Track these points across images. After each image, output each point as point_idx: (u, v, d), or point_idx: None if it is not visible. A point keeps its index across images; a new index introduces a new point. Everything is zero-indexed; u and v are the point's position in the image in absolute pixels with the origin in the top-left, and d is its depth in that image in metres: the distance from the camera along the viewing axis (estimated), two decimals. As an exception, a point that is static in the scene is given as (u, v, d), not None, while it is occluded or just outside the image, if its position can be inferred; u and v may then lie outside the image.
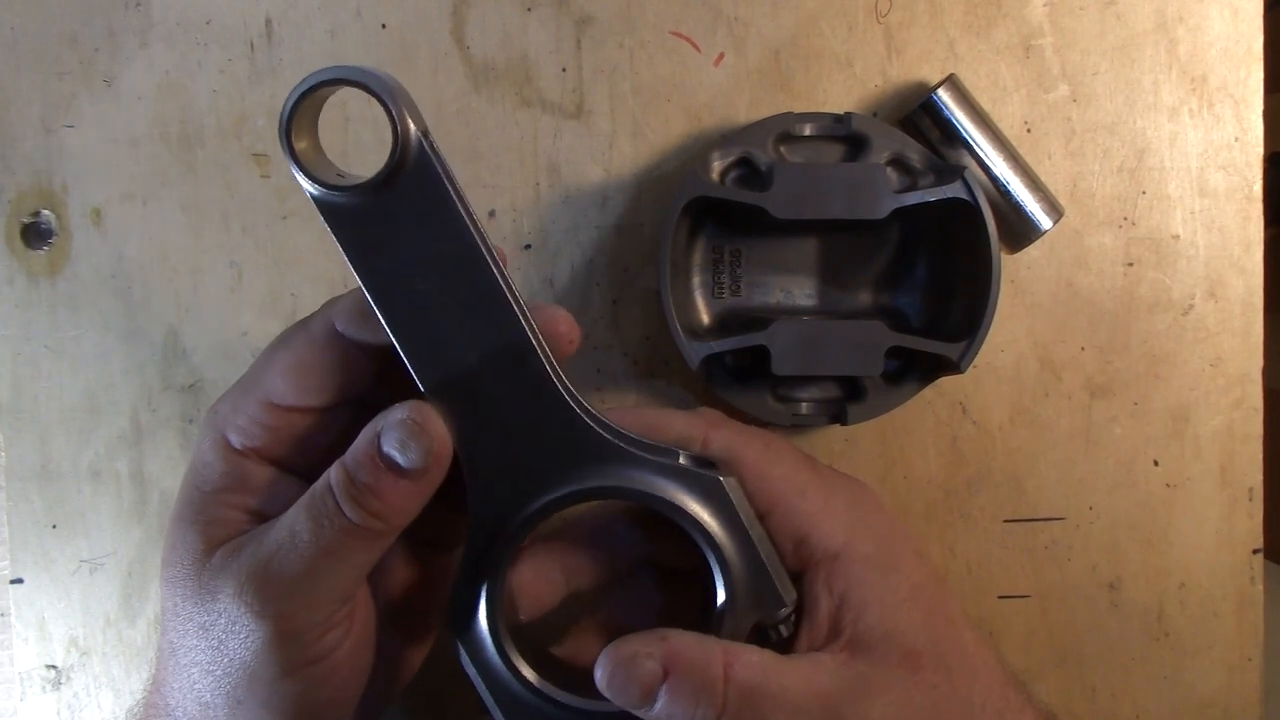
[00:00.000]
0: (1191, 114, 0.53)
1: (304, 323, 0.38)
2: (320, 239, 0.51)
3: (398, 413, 0.35)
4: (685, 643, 0.36)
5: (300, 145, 0.33)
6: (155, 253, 0.51)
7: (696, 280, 0.51)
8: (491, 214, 0.51)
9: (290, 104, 0.32)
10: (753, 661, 0.36)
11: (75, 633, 0.52)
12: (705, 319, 0.51)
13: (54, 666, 0.52)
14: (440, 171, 0.34)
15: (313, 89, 0.32)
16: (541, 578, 0.40)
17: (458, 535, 0.39)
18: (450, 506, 0.41)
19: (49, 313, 0.51)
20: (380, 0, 0.51)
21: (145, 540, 0.52)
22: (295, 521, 0.35)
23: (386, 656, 0.40)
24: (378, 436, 0.35)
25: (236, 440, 0.37)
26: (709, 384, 0.49)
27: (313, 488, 0.36)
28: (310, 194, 0.33)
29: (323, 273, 0.52)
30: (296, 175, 0.33)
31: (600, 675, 0.36)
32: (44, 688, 0.52)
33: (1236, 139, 0.53)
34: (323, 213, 0.34)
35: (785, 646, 0.38)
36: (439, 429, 0.35)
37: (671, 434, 0.40)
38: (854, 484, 0.43)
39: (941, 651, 0.38)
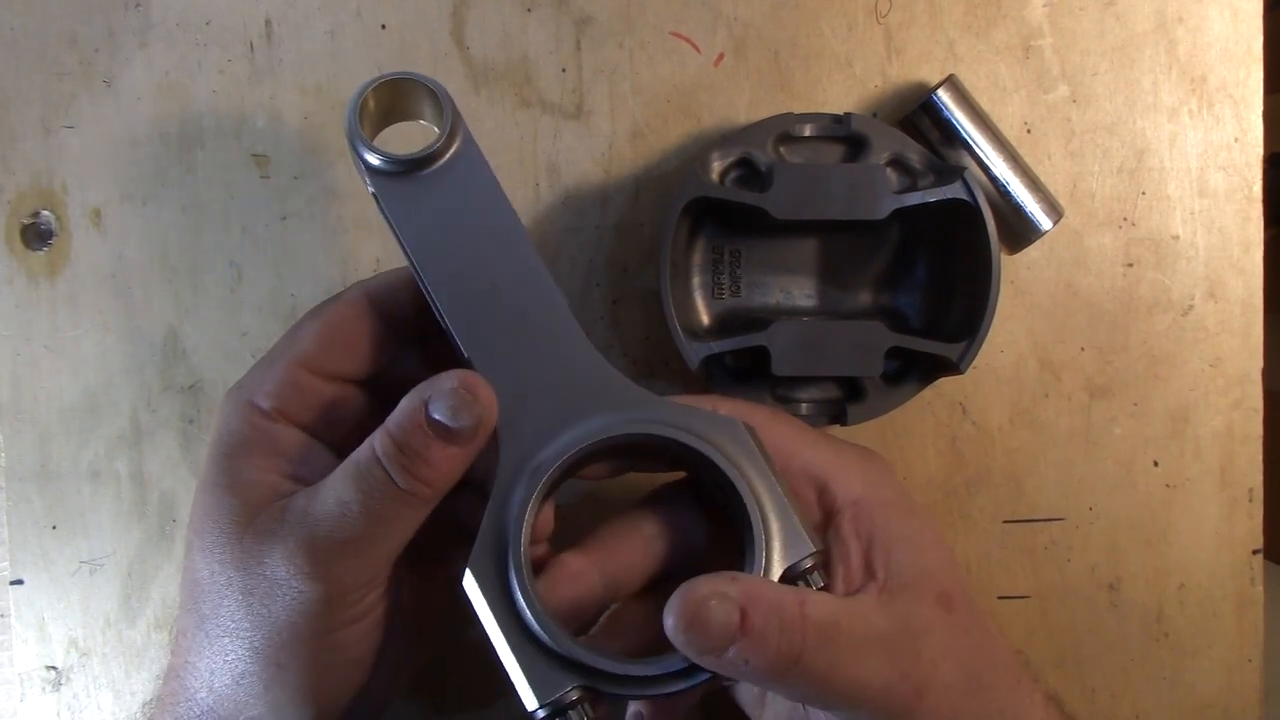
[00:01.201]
0: (1191, 114, 0.53)
1: (334, 297, 0.40)
2: (320, 239, 0.51)
3: (447, 381, 0.36)
4: (758, 583, 0.35)
5: (365, 127, 0.38)
6: (155, 253, 0.51)
7: (696, 280, 0.51)
8: (491, 214, 0.51)
9: (361, 92, 0.37)
10: (822, 600, 0.36)
11: (75, 633, 0.52)
12: (705, 319, 0.51)
13: (54, 667, 0.52)
14: (480, 152, 0.39)
15: (382, 82, 0.37)
16: (581, 584, 0.39)
17: (459, 554, 0.39)
18: (456, 523, 0.41)
19: (49, 313, 0.51)
20: (380, 0, 0.51)
21: (145, 541, 0.52)
22: (343, 491, 0.35)
23: (394, 650, 0.40)
24: (425, 404, 0.35)
25: (264, 403, 0.38)
26: (709, 384, 0.49)
27: (355, 457, 0.36)
28: (370, 164, 0.38)
29: (323, 273, 0.52)
30: (359, 149, 0.37)
31: (672, 622, 0.33)
32: (44, 689, 0.52)
33: (1236, 139, 0.53)
34: (376, 184, 0.38)
35: None
36: (488, 396, 0.36)
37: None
38: (862, 447, 0.43)
39: (968, 598, 0.38)
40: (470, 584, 0.37)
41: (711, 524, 0.41)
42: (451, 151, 0.38)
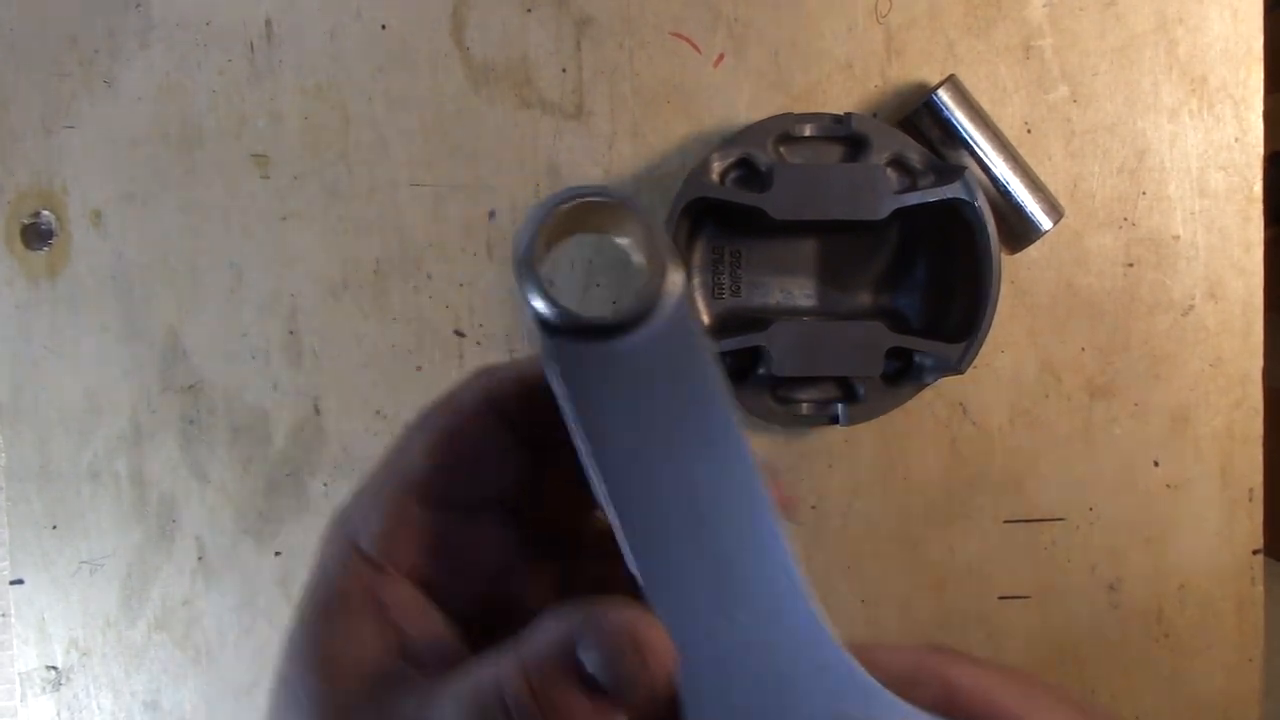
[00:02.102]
0: (1191, 115, 0.53)
1: (447, 399, 0.32)
2: (320, 239, 0.51)
3: (607, 618, 0.26)
4: None
5: (540, 265, 0.27)
6: (155, 253, 0.51)
7: (696, 281, 0.51)
8: (491, 215, 0.51)
9: (542, 215, 0.27)
10: None
11: (75, 633, 0.52)
12: (705, 319, 0.51)
13: (54, 667, 0.52)
14: (690, 316, 0.28)
15: (565, 202, 0.27)
16: None
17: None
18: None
19: (49, 314, 0.51)
20: (380, 1, 0.51)
21: (144, 541, 0.52)
22: None
23: None
24: (573, 644, 0.26)
25: (370, 547, 0.31)
26: (709, 385, 0.49)
27: (477, 684, 0.28)
28: (544, 321, 0.27)
29: (322, 273, 0.52)
30: (528, 293, 0.27)
31: None
32: (44, 688, 0.52)
33: (1236, 139, 0.53)
34: (544, 338, 0.28)
35: None
36: (664, 651, 0.26)
37: (896, 668, 0.31)
38: (1028, 676, 0.35)
39: None
40: None
41: None
42: (655, 313, 0.27)
